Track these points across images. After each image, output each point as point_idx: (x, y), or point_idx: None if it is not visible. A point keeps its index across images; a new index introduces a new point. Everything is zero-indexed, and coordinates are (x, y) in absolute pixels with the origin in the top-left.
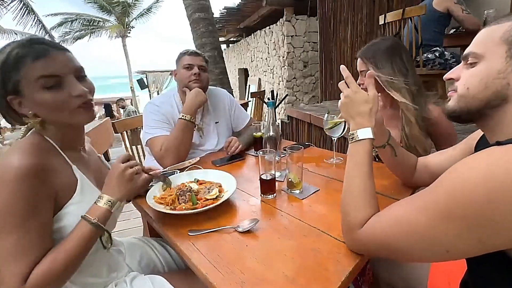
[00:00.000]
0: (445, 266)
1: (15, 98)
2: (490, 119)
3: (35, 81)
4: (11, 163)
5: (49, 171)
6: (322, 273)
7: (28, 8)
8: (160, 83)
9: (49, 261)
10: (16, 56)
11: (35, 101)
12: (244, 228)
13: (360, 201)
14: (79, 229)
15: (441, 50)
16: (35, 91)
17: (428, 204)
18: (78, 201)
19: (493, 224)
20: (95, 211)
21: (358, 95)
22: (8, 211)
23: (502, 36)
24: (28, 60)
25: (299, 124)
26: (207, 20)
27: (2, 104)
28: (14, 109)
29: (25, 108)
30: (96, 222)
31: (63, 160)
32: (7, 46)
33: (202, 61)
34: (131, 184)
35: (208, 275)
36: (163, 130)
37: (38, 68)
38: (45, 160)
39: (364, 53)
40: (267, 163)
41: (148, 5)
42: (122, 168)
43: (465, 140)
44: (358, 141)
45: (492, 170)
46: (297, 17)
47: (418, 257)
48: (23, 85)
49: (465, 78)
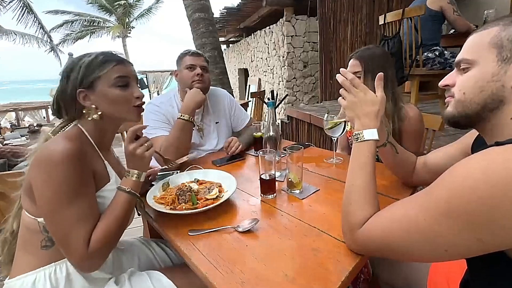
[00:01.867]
0: (445, 266)
1: (84, 91)
2: (487, 122)
3: (113, 79)
4: (58, 147)
5: (86, 155)
6: (322, 273)
7: (28, 8)
8: (160, 83)
9: (102, 227)
10: (102, 59)
11: (106, 95)
12: (244, 228)
13: (362, 201)
14: (118, 198)
15: (440, 49)
16: (109, 87)
17: (427, 203)
18: (113, 189)
19: (492, 222)
20: (127, 182)
21: (367, 96)
22: (64, 187)
23: (491, 41)
24: (112, 63)
25: (299, 124)
26: (207, 20)
27: (69, 94)
28: (78, 100)
29: (88, 101)
30: (129, 190)
31: (97, 154)
32: (92, 52)
33: (203, 61)
34: (146, 158)
35: (208, 275)
36: (163, 130)
37: (117, 70)
38: (82, 147)
39: (361, 55)
40: (267, 163)
41: (148, 5)
42: (131, 150)
43: (462, 139)
44: (363, 141)
45: (492, 167)
46: (297, 17)
47: (417, 257)
48: (100, 81)
49: (460, 83)
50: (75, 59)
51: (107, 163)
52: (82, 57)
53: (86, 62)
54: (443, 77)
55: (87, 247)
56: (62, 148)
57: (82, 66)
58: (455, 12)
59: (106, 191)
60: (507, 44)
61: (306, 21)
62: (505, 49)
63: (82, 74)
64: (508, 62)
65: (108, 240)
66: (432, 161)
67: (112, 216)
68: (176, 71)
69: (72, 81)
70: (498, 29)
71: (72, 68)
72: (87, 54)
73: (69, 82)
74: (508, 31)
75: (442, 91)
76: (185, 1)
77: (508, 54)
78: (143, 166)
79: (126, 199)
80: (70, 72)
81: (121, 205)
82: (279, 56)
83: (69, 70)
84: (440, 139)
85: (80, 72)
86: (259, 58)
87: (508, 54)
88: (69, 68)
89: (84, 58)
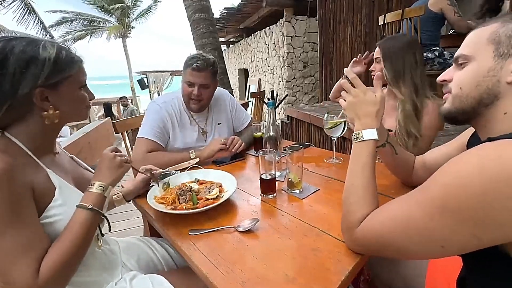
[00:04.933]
0: (443, 264)
1: (44, 91)
2: (483, 118)
3: (80, 80)
4: None
5: (19, 172)
6: (322, 273)
7: (29, 8)
8: (160, 83)
9: (56, 252)
10: (67, 57)
11: (71, 96)
12: (244, 227)
13: (362, 201)
14: (77, 217)
15: (440, 50)
16: (75, 88)
17: (423, 199)
18: (60, 204)
19: (487, 218)
20: (88, 197)
21: (367, 96)
22: None
23: (489, 37)
24: (79, 64)
25: (299, 124)
26: (208, 21)
27: (22, 93)
28: (33, 100)
29: (46, 102)
30: (91, 207)
31: (35, 165)
32: (45, 42)
33: (206, 78)
34: (121, 170)
35: (208, 275)
36: (154, 135)
37: (82, 71)
38: (13, 163)
39: (384, 43)
40: (267, 163)
41: (147, 5)
42: (112, 156)
43: (458, 138)
44: (363, 141)
45: (485, 163)
46: (297, 18)
47: (414, 253)
48: (67, 81)
49: (457, 78)
50: (24, 47)
51: (51, 171)
52: (35, 49)
53: (51, 58)
54: None
55: (36, 277)
56: None
57: (47, 62)
58: (456, 13)
59: (53, 209)
60: (505, 40)
61: (306, 21)
62: (503, 45)
63: (49, 71)
64: (505, 58)
65: (64, 267)
66: (431, 160)
67: (69, 239)
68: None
69: (30, 78)
70: (497, 26)
71: (29, 62)
72: (36, 42)
73: (23, 79)
74: (507, 28)
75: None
76: (186, 2)
77: (505, 50)
78: (113, 178)
79: (86, 218)
80: (25, 66)
81: (80, 225)
82: (279, 57)
83: (23, 64)
84: (440, 139)
85: (45, 68)
86: (259, 58)
87: (505, 50)
88: (23, 61)
89: (39, 50)
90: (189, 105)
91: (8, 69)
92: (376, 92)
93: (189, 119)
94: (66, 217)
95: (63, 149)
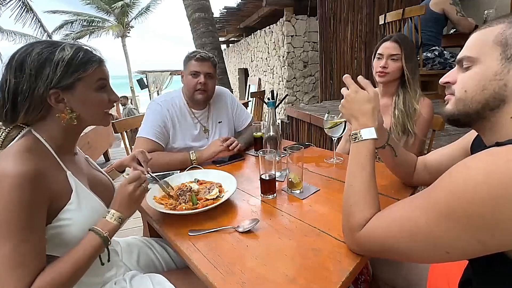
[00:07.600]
0: (444, 266)
1: (59, 92)
2: (487, 121)
3: (95, 82)
4: (6, 170)
5: (44, 176)
6: (322, 273)
7: (27, 7)
8: (160, 83)
9: (55, 271)
10: (84, 57)
11: (86, 98)
12: (244, 228)
13: (363, 202)
14: (89, 241)
15: (440, 49)
16: (91, 89)
17: (428, 204)
18: (75, 208)
19: (493, 223)
20: (106, 225)
21: (359, 94)
22: (3, 220)
23: (495, 39)
24: (95, 64)
25: (299, 124)
26: (207, 20)
27: (39, 93)
28: (48, 102)
29: (61, 103)
30: (107, 235)
31: (57, 165)
32: (65, 45)
33: (209, 67)
34: (141, 200)
35: (208, 275)
36: (154, 135)
37: (100, 72)
38: (39, 165)
39: (403, 40)
40: (267, 163)
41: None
42: (131, 190)
43: (461, 139)
44: (361, 141)
45: (493, 169)
46: (297, 17)
47: (418, 258)
48: (81, 83)
49: (462, 81)
50: (41, 50)
51: (70, 173)
52: (52, 50)
53: (64, 59)
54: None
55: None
56: (11, 172)
57: (60, 63)
58: (458, 13)
59: (67, 212)
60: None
61: (306, 21)
62: (510, 48)
63: (61, 73)
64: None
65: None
66: (432, 161)
67: (71, 261)
68: (183, 72)
69: (45, 79)
70: (503, 27)
71: (44, 63)
72: (56, 45)
73: (39, 80)
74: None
75: (442, 90)
76: (185, 1)
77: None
78: (132, 210)
79: (98, 244)
80: (40, 67)
81: (88, 251)
82: (279, 56)
83: (38, 65)
84: (441, 139)
85: (58, 70)
86: (259, 58)
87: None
88: (38, 63)
89: (56, 51)
90: (194, 97)
91: (25, 71)
92: (367, 89)
93: (191, 116)
94: (76, 224)
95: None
